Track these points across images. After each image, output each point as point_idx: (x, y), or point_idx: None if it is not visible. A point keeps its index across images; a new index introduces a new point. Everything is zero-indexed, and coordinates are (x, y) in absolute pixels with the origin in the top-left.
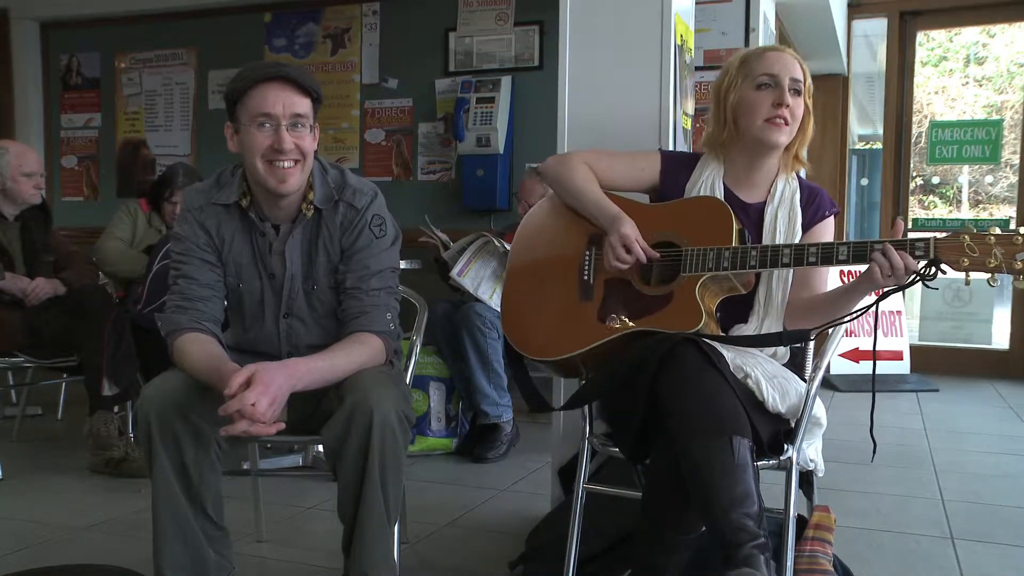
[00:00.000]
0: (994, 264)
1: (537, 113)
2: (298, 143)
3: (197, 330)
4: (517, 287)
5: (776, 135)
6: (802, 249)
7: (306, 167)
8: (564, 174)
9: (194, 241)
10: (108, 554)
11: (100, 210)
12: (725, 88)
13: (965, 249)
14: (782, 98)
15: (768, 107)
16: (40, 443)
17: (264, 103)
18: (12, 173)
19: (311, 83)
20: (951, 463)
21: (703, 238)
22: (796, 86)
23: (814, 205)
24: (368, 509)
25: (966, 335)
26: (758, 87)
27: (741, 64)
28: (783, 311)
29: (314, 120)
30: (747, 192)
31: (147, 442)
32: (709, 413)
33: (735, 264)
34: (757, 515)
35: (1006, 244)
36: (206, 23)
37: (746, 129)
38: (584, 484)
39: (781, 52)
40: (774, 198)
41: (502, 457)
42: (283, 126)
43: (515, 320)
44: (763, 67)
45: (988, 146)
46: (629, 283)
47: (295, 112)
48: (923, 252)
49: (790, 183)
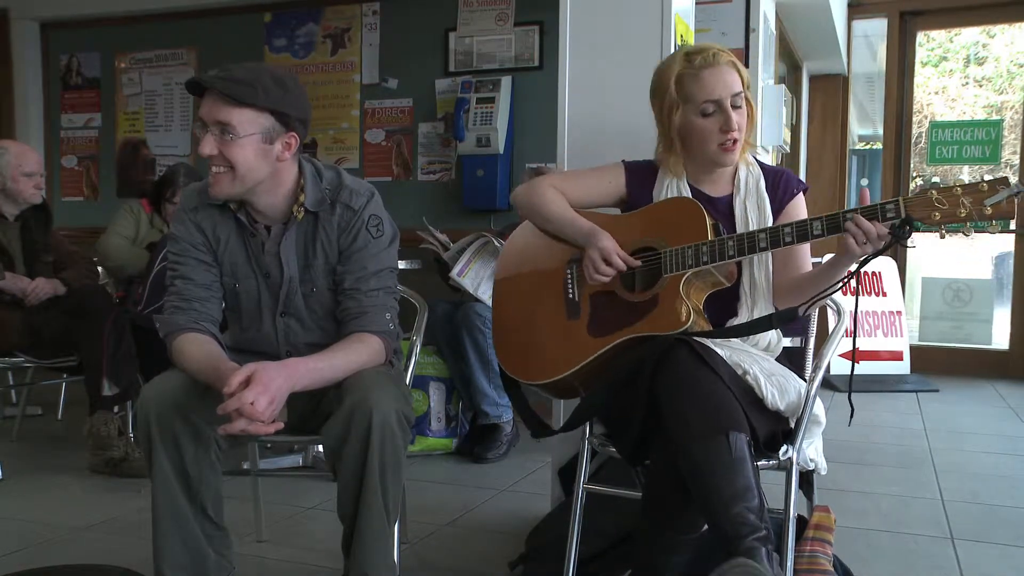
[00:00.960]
0: (964, 213)
1: (537, 113)
2: (223, 151)
3: (195, 330)
4: (506, 313)
5: (731, 158)
6: (777, 231)
7: (240, 176)
8: (535, 201)
9: (190, 242)
10: (108, 554)
11: (100, 210)
12: (667, 108)
13: (934, 203)
14: (729, 124)
15: (717, 133)
16: (40, 443)
17: (200, 108)
18: (12, 173)
19: (243, 96)
20: (951, 463)
21: (680, 237)
22: (737, 101)
23: (781, 187)
24: (368, 509)
25: (966, 335)
26: (703, 115)
27: (678, 86)
28: (770, 296)
29: (265, 131)
30: (711, 187)
31: (147, 442)
32: (705, 412)
33: (714, 257)
34: (758, 508)
35: (973, 193)
36: (206, 23)
37: (698, 151)
38: (584, 484)
39: (715, 68)
40: (740, 189)
41: (502, 457)
42: (209, 132)
43: (507, 346)
44: (703, 93)
45: (988, 146)
46: (614, 293)
47: (217, 119)
48: (894, 213)
49: (752, 171)
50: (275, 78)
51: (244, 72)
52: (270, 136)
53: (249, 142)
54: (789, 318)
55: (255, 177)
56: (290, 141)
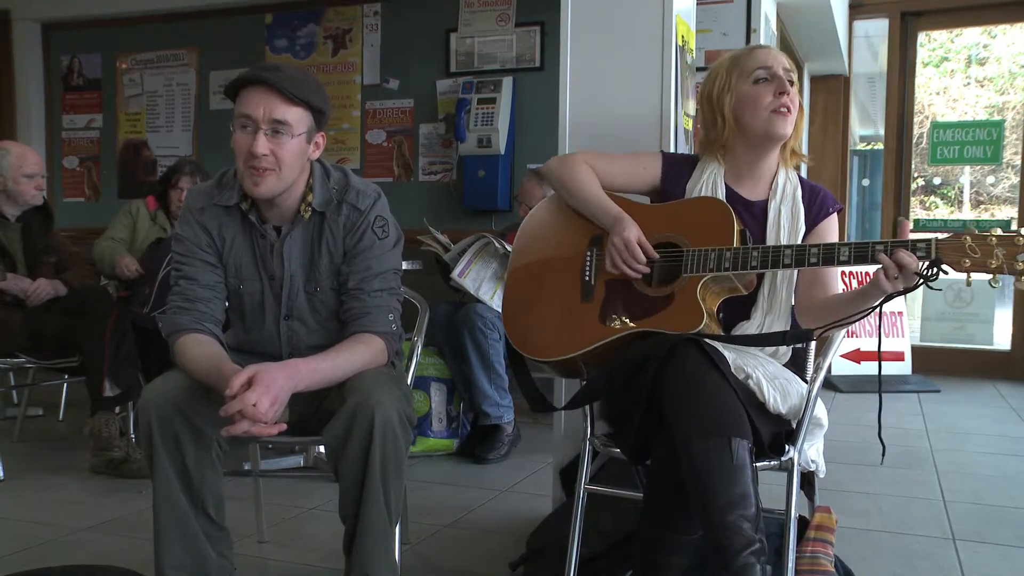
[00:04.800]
0: (995, 265)
1: (538, 114)
2: (275, 150)
3: (198, 331)
4: (518, 287)
5: (783, 125)
6: (803, 250)
7: (284, 175)
8: (566, 174)
9: (195, 242)
10: (109, 555)
11: (101, 211)
12: (718, 92)
13: (967, 250)
14: (783, 87)
15: (771, 98)
16: (41, 444)
17: (247, 105)
18: (13, 174)
19: (300, 92)
20: (952, 464)
21: (704, 239)
22: (790, 76)
23: (818, 202)
24: (369, 510)
25: (968, 336)
26: (755, 82)
27: (732, 64)
28: (788, 309)
29: (309, 129)
30: (749, 190)
31: (148, 443)
32: (709, 414)
33: (736, 265)
34: (754, 517)
35: (1007, 245)
36: (207, 24)
37: (750, 124)
38: (585, 485)
39: (768, 49)
40: (776, 194)
41: (503, 458)
42: (261, 131)
43: (516, 320)
44: (756, 62)
45: (989, 147)
46: (630, 284)
47: (275, 118)
48: (924, 253)
49: (791, 178)
50: (313, 78)
51: (291, 70)
52: (310, 135)
53: (299, 141)
54: (802, 339)
55: (294, 176)
56: (319, 141)
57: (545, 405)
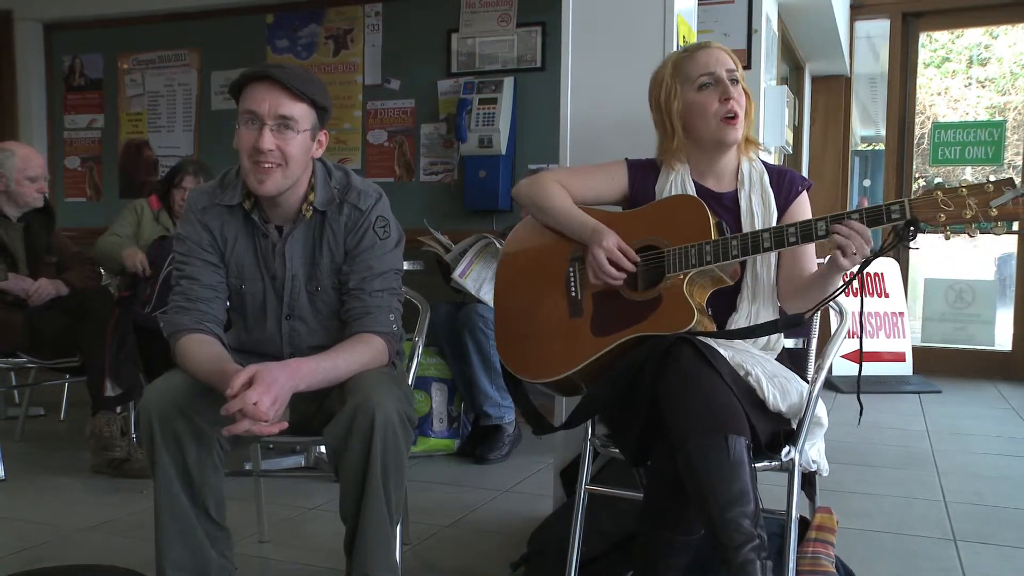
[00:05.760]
0: (970, 215)
1: (539, 114)
2: (281, 146)
3: (199, 331)
4: (508, 311)
5: (732, 132)
6: (781, 231)
7: (289, 171)
8: (538, 194)
9: (197, 242)
10: (110, 554)
11: (103, 211)
12: (665, 98)
13: (940, 204)
14: (728, 92)
15: (717, 105)
16: (42, 444)
17: (252, 101)
18: (16, 176)
19: (305, 88)
20: (953, 464)
21: (683, 236)
22: (733, 76)
23: (786, 184)
24: (370, 510)
25: (968, 336)
26: (699, 88)
27: (675, 70)
28: (774, 294)
29: (313, 126)
30: (716, 182)
31: (149, 443)
32: (706, 411)
33: (718, 256)
34: (753, 514)
35: (978, 194)
36: (208, 24)
37: (700, 132)
38: (586, 485)
39: (708, 48)
40: (744, 183)
41: (504, 458)
42: (267, 126)
43: (510, 345)
44: (698, 68)
45: (991, 147)
46: (617, 292)
47: (281, 114)
48: (899, 214)
49: (755, 166)
50: (316, 76)
51: (294, 68)
52: (314, 132)
53: (304, 137)
54: (795, 324)
55: (298, 173)
56: (322, 139)
57: (545, 426)
